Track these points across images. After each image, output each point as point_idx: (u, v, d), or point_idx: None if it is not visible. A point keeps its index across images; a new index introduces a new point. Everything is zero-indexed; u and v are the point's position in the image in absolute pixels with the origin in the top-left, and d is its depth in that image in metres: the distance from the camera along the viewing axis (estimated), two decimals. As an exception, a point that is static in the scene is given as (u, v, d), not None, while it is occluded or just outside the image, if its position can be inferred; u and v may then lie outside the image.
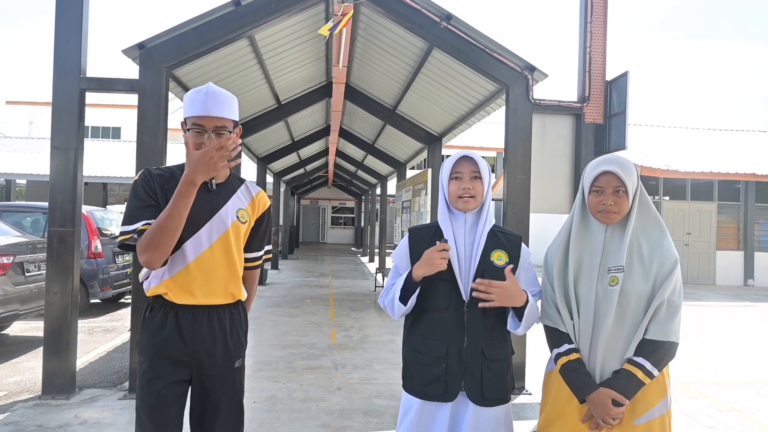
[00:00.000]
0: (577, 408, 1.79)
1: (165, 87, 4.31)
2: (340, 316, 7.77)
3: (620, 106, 4.61)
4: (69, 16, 4.14)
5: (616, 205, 1.79)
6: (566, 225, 1.93)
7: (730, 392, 4.71)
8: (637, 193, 1.83)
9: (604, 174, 1.80)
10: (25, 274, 5.62)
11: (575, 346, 1.81)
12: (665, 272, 1.76)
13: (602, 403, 1.70)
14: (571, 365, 1.78)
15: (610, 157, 1.87)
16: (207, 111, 1.83)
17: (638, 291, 1.75)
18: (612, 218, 1.81)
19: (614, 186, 1.79)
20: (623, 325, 1.75)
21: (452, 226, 1.91)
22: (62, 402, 3.95)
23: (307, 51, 7.25)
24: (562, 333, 1.83)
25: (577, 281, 1.83)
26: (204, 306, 1.86)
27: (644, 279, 1.76)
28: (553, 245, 1.94)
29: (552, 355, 1.86)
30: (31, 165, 17.84)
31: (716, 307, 9.97)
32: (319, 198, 28.79)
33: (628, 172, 1.80)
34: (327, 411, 3.91)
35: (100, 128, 29.49)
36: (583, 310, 1.81)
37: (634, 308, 1.75)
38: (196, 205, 1.85)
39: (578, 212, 1.89)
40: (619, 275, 1.76)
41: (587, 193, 1.85)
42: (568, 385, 1.79)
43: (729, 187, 14.25)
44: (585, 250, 1.84)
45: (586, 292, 1.80)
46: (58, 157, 4.13)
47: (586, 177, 1.87)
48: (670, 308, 1.75)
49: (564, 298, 1.84)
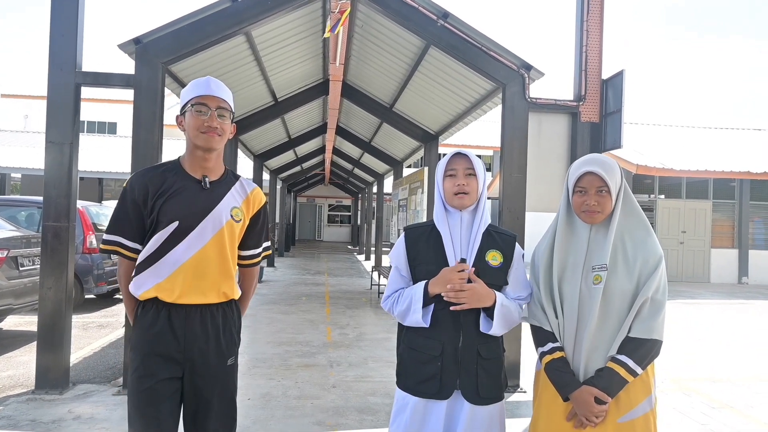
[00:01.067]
0: (562, 406, 1.81)
1: (161, 82, 4.29)
2: (335, 314, 7.78)
3: (616, 105, 4.62)
4: (64, 9, 4.12)
5: (599, 205, 1.81)
6: (552, 225, 1.94)
7: (724, 389, 4.74)
8: (620, 192, 1.84)
9: (587, 174, 1.82)
10: (20, 269, 5.60)
11: (559, 345, 1.82)
12: (649, 270, 1.77)
13: (585, 401, 1.72)
14: (554, 363, 1.80)
15: (592, 157, 1.88)
16: (210, 91, 1.89)
17: (622, 289, 1.76)
18: (596, 218, 1.82)
19: (597, 186, 1.81)
20: (607, 324, 1.77)
21: (448, 225, 1.91)
22: (56, 397, 3.94)
23: (304, 48, 7.23)
24: (546, 332, 1.85)
25: (561, 280, 1.85)
26: (196, 305, 1.86)
27: (628, 277, 1.77)
28: (539, 245, 1.96)
29: (537, 353, 1.88)
30: (27, 159, 17.73)
31: (711, 305, 10.02)
32: (316, 196, 28.76)
33: (611, 172, 1.81)
34: (322, 408, 3.92)
35: (96, 123, 29.39)
36: (567, 308, 1.82)
37: (618, 306, 1.76)
38: (190, 204, 1.85)
39: (563, 212, 1.91)
40: (603, 274, 1.77)
41: (571, 193, 1.87)
42: (553, 383, 1.81)
43: (724, 186, 14.32)
44: (570, 250, 1.86)
45: (570, 291, 1.82)
46: (52, 151, 4.12)
47: (569, 177, 1.88)
48: (653, 306, 1.75)
49: (549, 297, 1.86)
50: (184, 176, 1.90)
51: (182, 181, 1.88)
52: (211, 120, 1.86)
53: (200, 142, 1.88)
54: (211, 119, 1.86)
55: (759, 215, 14.40)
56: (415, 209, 8.11)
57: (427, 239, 1.92)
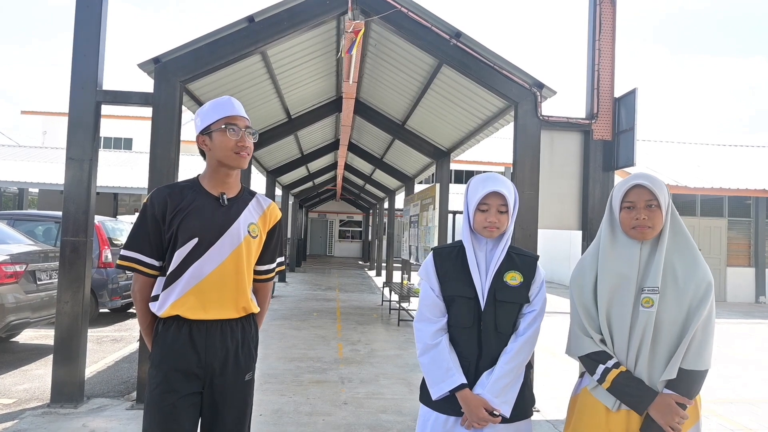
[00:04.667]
0: (612, 431, 1.76)
1: (179, 100, 4.38)
2: (346, 330, 7.76)
3: (629, 123, 4.62)
4: (87, 30, 4.24)
5: (649, 220, 1.74)
6: (593, 246, 1.89)
7: (743, 411, 4.65)
8: (669, 209, 1.78)
9: (635, 188, 1.77)
10: (37, 283, 5.68)
11: (618, 361, 1.76)
12: (700, 296, 1.71)
13: (668, 406, 1.66)
14: (624, 376, 1.73)
15: (639, 173, 1.82)
16: (237, 111, 1.94)
17: (672, 314, 1.71)
18: (647, 233, 1.75)
19: (646, 200, 1.75)
20: (656, 350, 1.72)
21: (474, 248, 1.95)
22: (70, 411, 3.98)
23: (318, 66, 7.34)
24: (600, 351, 1.78)
25: (611, 303, 1.78)
26: (217, 320, 1.88)
27: (677, 303, 1.71)
28: (579, 269, 1.90)
29: (598, 372, 1.77)
30: (44, 174, 18.06)
31: (728, 324, 9.85)
32: (327, 211, 28.86)
33: (659, 186, 1.76)
34: (333, 425, 3.91)
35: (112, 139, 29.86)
36: (617, 333, 1.76)
37: (667, 332, 1.71)
38: (208, 221, 1.88)
39: (607, 232, 1.84)
40: (654, 297, 1.71)
41: (618, 210, 1.81)
42: (623, 398, 1.73)
43: (739, 203, 14.15)
44: (618, 271, 1.78)
45: (620, 314, 1.75)
46: (73, 167, 4.21)
47: (615, 194, 1.83)
48: (705, 334, 1.71)
49: (597, 322, 1.80)
50: (202, 193, 1.93)
51: (201, 198, 1.92)
52: (243, 140, 1.90)
53: (233, 162, 1.91)
54: (243, 139, 1.90)
55: (775, 233, 14.19)
56: (427, 225, 8.11)
57: (455, 259, 1.97)
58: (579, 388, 1.92)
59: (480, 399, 1.82)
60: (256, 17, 4.51)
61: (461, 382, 1.84)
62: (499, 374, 1.83)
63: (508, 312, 1.90)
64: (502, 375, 1.83)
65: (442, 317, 1.94)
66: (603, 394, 1.79)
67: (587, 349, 1.80)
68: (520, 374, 1.86)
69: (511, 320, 1.91)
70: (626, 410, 1.75)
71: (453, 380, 1.84)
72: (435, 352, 1.89)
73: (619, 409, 1.76)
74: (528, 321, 1.91)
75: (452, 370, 1.85)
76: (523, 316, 1.92)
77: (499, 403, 1.81)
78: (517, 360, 1.85)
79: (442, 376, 1.86)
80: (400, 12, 4.71)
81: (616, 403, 1.76)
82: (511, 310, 1.91)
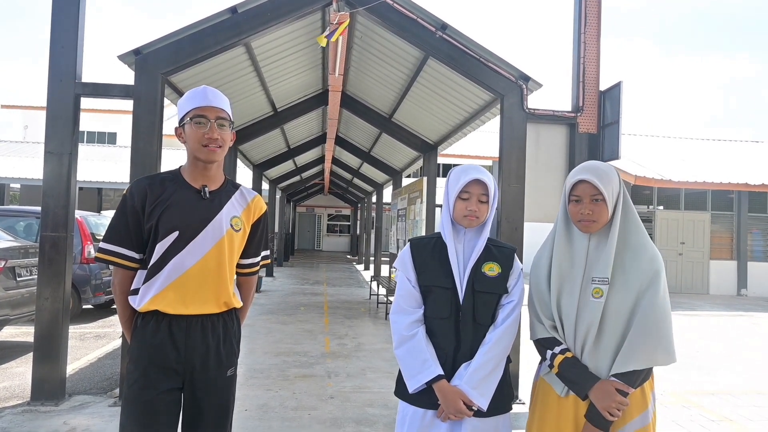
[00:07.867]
0: (555, 418, 1.78)
1: (160, 93, 4.31)
2: (334, 324, 7.74)
3: (614, 116, 4.64)
4: (65, 21, 4.14)
5: (594, 214, 1.76)
6: (550, 235, 1.92)
7: (724, 402, 4.71)
8: (619, 200, 1.79)
9: (580, 183, 1.79)
10: (17, 279, 5.58)
11: (567, 347, 1.79)
12: (646, 285, 1.72)
13: (607, 392, 1.67)
14: (569, 362, 1.75)
15: (587, 165, 1.84)
16: (208, 102, 1.87)
17: (617, 304, 1.72)
18: (591, 227, 1.78)
19: (591, 194, 1.77)
20: (603, 340, 1.73)
21: (453, 238, 1.92)
22: (51, 408, 3.91)
23: (304, 59, 7.27)
24: (549, 338, 1.81)
25: (560, 292, 1.81)
26: (197, 315, 1.85)
27: (624, 293, 1.72)
28: (538, 257, 1.93)
29: (547, 357, 1.81)
30: (26, 169, 17.74)
31: (710, 317, 9.99)
32: (315, 205, 28.77)
33: (606, 179, 1.76)
34: (319, 419, 3.89)
35: (96, 133, 29.42)
36: (566, 321, 1.79)
37: (613, 322, 1.72)
38: (189, 214, 1.84)
39: (561, 222, 1.88)
40: (604, 287, 1.73)
41: (567, 202, 1.84)
42: (568, 382, 1.75)
43: (722, 197, 14.35)
44: (568, 261, 1.83)
45: (568, 304, 1.78)
46: (51, 161, 4.12)
47: (566, 186, 1.86)
48: (656, 326, 1.71)
49: (548, 310, 1.83)
50: (183, 186, 1.89)
51: (182, 191, 1.88)
52: (211, 132, 1.85)
53: (202, 156, 1.87)
54: (212, 131, 1.85)
55: (757, 227, 14.41)
56: (414, 219, 8.11)
57: (432, 250, 1.94)
58: (538, 374, 1.93)
59: (457, 390, 1.80)
60: (239, 8, 4.43)
61: (438, 373, 1.81)
62: (477, 365, 1.81)
63: (487, 302, 1.89)
64: (480, 365, 1.81)
65: (419, 308, 1.92)
66: (554, 379, 1.81)
67: (539, 335, 1.85)
68: (498, 366, 1.85)
69: (489, 311, 1.89)
70: (574, 396, 1.76)
71: (430, 371, 1.81)
72: (411, 343, 1.87)
73: (567, 395, 1.77)
74: (507, 311, 1.89)
75: (429, 361, 1.83)
76: (501, 307, 1.91)
77: (477, 395, 1.79)
78: (496, 350, 1.83)
79: (419, 368, 1.83)
80: (385, 3, 4.66)
81: (564, 389, 1.78)
82: (490, 301, 1.89)
